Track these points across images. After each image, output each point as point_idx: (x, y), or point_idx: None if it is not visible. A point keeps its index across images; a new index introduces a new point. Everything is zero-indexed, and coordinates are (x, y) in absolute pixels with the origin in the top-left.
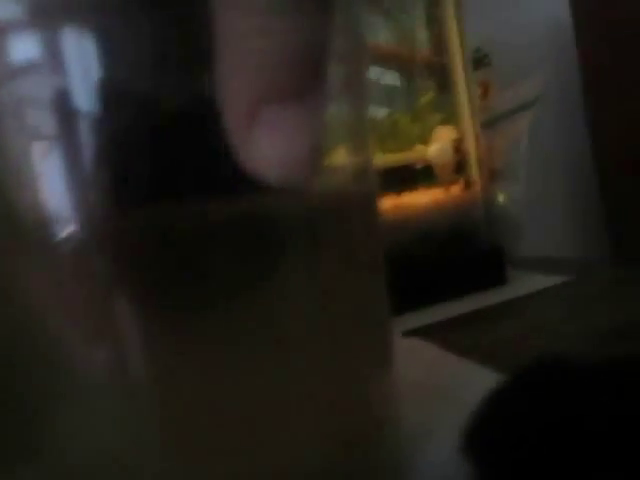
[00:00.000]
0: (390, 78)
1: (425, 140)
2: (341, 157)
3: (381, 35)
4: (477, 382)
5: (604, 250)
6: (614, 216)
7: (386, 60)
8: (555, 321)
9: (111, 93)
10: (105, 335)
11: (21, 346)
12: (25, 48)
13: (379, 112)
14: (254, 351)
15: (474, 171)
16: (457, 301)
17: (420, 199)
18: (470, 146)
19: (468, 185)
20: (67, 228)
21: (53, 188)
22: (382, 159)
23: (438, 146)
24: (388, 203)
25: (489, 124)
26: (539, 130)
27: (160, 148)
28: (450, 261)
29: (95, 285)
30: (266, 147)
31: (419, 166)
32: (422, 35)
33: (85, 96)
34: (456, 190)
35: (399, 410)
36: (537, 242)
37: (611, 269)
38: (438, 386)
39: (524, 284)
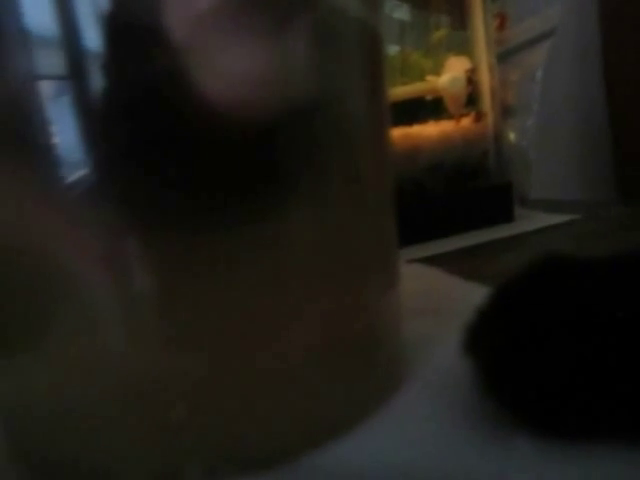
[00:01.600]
0: (401, 12)
1: (437, 73)
2: None
3: None
4: (478, 299)
5: (612, 193)
6: (624, 157)
7: None
8: None
9: (123, 33)
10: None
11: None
12: None
13: (389, 49)
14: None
15: (486, 103)
16: (463, 235)
17: (430, 131)
18: (483, 77)
19: (479, 118)
20: (77, 171)
21: (63, 130)
22: (392, 92)
23: (450, 76)
24: (398, 135)
25: (504, 57)
26: (554, 66)
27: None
28: (458, 195)
29: (103, 227)
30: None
31: (430, 98)
32: None
33: (95, 35)
34: (467, 123)
35: (402, 321)
36: (547, 184)
37: (617, 208)
38: (440, 302)
39: (531, 221)
